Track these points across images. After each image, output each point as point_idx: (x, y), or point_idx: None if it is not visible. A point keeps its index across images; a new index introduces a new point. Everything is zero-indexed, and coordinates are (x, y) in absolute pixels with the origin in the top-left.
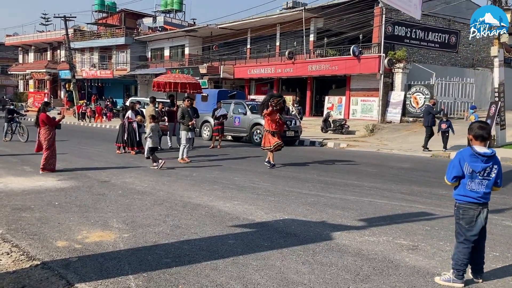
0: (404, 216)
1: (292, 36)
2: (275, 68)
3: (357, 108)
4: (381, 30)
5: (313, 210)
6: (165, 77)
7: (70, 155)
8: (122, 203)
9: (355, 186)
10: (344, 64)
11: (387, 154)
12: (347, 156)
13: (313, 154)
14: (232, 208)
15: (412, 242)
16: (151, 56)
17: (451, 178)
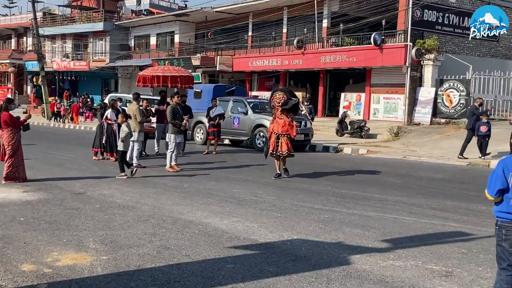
0: (436, 236)
1: (301, 21)
2: (282, 60)
3: (379, 107)
4: (407, 14)
5: (327, 229)
6: (153, 70)
7: (38, 162)
8: (100, 220)
9: (377, 200)
10: (364, 54)
11: (415, 162)
12: (367, 165)
13: (327, 162)
14: (231, 225)
15: (445, 268)
16: (134, 45)
17: (495, 192)
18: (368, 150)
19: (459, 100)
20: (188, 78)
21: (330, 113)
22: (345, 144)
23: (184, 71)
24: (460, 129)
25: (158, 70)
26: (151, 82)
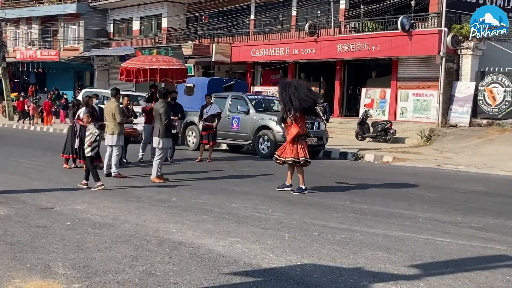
0: (476, 261)
1: (314, 2)
2: (291, 48)
3: (408, 106)
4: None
5: (344, 252)
6: (138, 61)
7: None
8: (72, 240)
9: (405, 217)
10: (389, 42)
11: (450, 171)
12: (393, 174)
13: (344, 171)
14: (228, 248)
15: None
16: (114, 31)
17: None
18: (394, 157)
19: (504, 97)
20: (180, 71)
21: (349, 113)
22: (367, 149)
23: (176, 62)
24: (506, 131)
25: (145, 62)
26: (136, 76)
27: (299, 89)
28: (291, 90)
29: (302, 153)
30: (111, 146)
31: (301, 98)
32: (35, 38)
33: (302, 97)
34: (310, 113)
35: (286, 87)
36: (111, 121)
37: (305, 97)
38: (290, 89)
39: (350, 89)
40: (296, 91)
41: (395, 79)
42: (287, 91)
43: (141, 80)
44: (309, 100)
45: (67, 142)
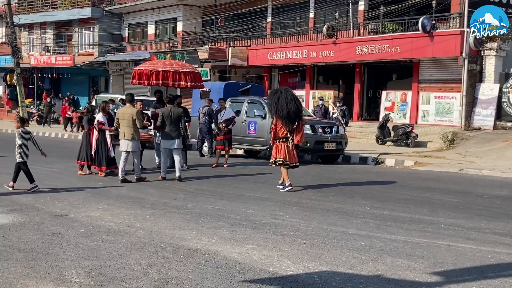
0: (500, 268)
1: (333, 3)
2: (309, 51)
3: (430, 109)
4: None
5: (363, 259)
6: (151, 64)
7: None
8: (86, 247)
9: (427, 223)
10: (410, 44)
11: (474, 176)
12: (414, 179)
13: (365, 176)
14: (245, 255)
15: None
16: (129, 35)
17: None
18: (416, 161)
19: None
20: (194, 75)
21: (369, 116)
22: (388, 154)
23: (190, 66)
24: None
25: (158, 65)
26: (148, 79)
27: (280, 99)
28: (274, 98)
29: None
30: (128, 152)
31: (279, 106)
32: (49, 44)
33: (278, 107)
34: (288, 121)
35: (272, 96)
36: (130, 127)
37: (280, 107)
38: (274, 97)
39: (370, 92)
40: (277, 101)
41: (417, 81)
42: (271, 99)
43: (153, 83)
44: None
45: (82, 149)
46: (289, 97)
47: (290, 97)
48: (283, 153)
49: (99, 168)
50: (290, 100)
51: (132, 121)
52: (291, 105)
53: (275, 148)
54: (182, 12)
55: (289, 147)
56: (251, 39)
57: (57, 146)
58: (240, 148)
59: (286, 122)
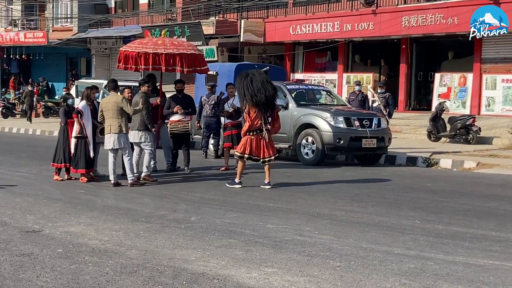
0: None
1: None
2: (341, 23)
3: (496, 95)
4: None
5: (413, 286)
6: (140, 44)
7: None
8: (65, 271)
9: (493, 240)
10: (471, 13)
11: None
12: (476, 185)
13: (414, 181)
14: (263, 280)
15: None
16: (116, 6)
17: None
18: (479, 162)
19: None
20: (194, 58)
21: (419, 106)
22: (443, 153)
23: (189, 46)
24: None
25: (148, 45)
26: (135, 63)
27: (254, 81)
28: (246, 81)
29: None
30: (116, 150)
31: (253, 92)
32: (16, 17)
33: (254, 91)
34: (263, 107)
35: (242, 79)
36: (117, 118)
37: (257, 92)
38: (245, 81)
39: (419, 75)
40: (251, 84)
41: (479, 61)
42: (242, 83)
43: (141, 68)
44: (262, 94)
45: (58, 148)
46: (265, 80)
47: (266, 79)
48: (250, 148)
49: (75, 170)
50: (267, 82)
51: (118, 111)
52: (269, 88)
53: (244, 141)
54: None
55: (265, 140)
56: (268, 9)
57: (27, 144)
58: None
59: (263, 109)
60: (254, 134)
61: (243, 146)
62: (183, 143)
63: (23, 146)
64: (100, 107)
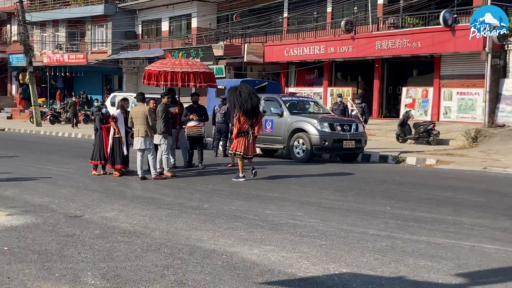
0: None
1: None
2: (326, 47)
3: (452, 105)
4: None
5: (385, 260)
6: (161, 64)
7: (25, 179)
8: (101, 249)
9: (450, 223)
10: (431, 38)
11: (498, 174)
12: (436, 178)
13: (385, 176)
14: (263, 256)
15: None
16: (142, 32)
17: None
18: (438, 159)
19: None
20: (205, 75)
21: (389, 114)
22: (409, 152)
23: (201, 65)
24: None
25: (167, 65)
26: (157, 79)
27: (242, 94)
28: (236, 94)
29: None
30: (143, 150)
31: (242, 101)
32: (62, 42)
33: (242, 101)
34: (249, 115)
35: (232, 92)
36: (143, 124)
37: (244, 102)
38: (235, 93)
39: (390, 89)
40: (240, 96)
41: (438, 77)
42: (232, 95)
43: (161, 84)
44: (248, 104)
45: (96, 148)
46: (250, 92)
47: (251, 92)
48: (243, 147)
49: (113, 166)
50: (252, 94)
51: (145, 119)
52: (254, 99)
53: (237, 142)
54: (197, 8)
55: (249, 141)
56: (267, 35)
57: (70, 145)
58: (256, 146)
59: (249, 115)
60: (243, 136)
61: (236, 145)
62: (197, 144)
63: (67, 147)
64: (130, 115)
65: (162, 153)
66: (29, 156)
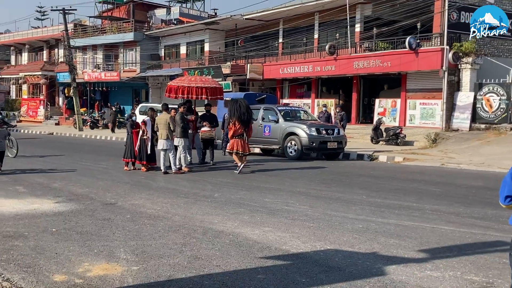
0: (476, 246)
1: (333, 26)
2: (313, 66)
3: (416, 113)
4: (443, 17)
5: (361, 239)
6: (180, 81)
7: (69, 173)
8: (131, 230)
9: (414, 209)
10: (399, 59)
11: (453, 169)
12: (403, 173)
13: (361, 170)
14: (262, 236)
15: (485, 279)
16: (164, 55)
17: (504, 199)
18: (405, 157)
19: (500, 104)
20: (215, 89)
21: (365, 120)
22: (380, 151)
23: (212, 82)
24: (501, 134)
25: (185, 81)
26: (176, 93)
27: (242, 106)
28: (236, 106)
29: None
30: (165, 150)
31: (241, 113)
32: (99, 62)
33: (242, 112)
34: (245, 123)
35: (233, 103)
36: (166, 129)
37: (242, 114)
38: (236, 105)
39: (365, 100)
40: (239, 108)
41: (404, 90)
42: (233, 106)
43: (180, 96)
44: (245, 115)
45: (127, 149)
46: (246, 106)
47: (247, 106)
48: (241, 146)
49: (140, 162)
50: (247, 108)
51: (167, 125)
52: (250, 112)
53: (234, 142)
54: (209, 35)
55: (244, 141)
56: (265, 57)
57: (106, 146)
58: (257, 147)
59: (244, 124)
60: (238, 138)
61: (232, 145)
62: (209, 145)
63: (103, 148)
64: (156, 121)
65: (181, 152)
66: (73, 155)
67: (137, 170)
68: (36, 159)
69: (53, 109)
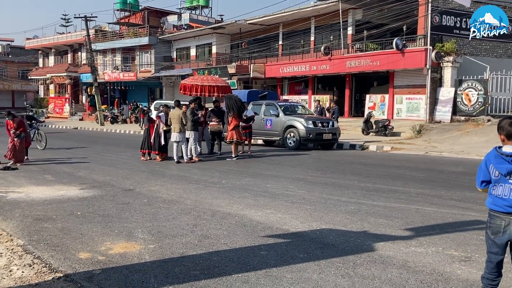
0: (456, 225)
1: (328, 29)
2: (310, 65)
3: (402, 107)
4: (427, 20)
5: (353, 219)
6: (193, 79)
7: (92, 163)
8: (148, 213)
9: (401, 192)
10: (387, 59)
11: (436, 157)
12: (391, 160)
13: (353, 159)
14: (265, 217)
15: (464, 253)
16: (176, 56)
17: (480, 183)
18: (392, 147)
19: (478, 98)
20: (224, 88)
21: (356, 114)
22: (371, 142)
23: (222, 81)
24: (479, 126)
25: (198, 80)
26: (190, 90)
27: (237, 102)
28: (233, 101)
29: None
30: (178, 142)
31: (238, 107)
32: (118, 64)
33: (239, 106)
34: (240, 116)
35: (230, 99)
36: (178, 123)
37: (239, 107)
38: (232, 100)
39: (357, 96)
40: (236, 103)
41: (392, 87)
42: (230, 101)
43: (193, 94)
44: (241, 109)
45: (144, 141)
46: (240, 100)
47: (240, 100)
48: (237, 136)
49: (154, 152)
50: (241, 102)
51: (180, 119)
52: (243, 105)
53: (232, 133)
54: (216, 39)
55: (240, 132)
56: (267, 58)
57: (124, 139)
58: (259, 139)
59: (240, 116)
60: (236, 129)
61: (232, 135)
62: (217, 137)
63: (122, 140)
64: (169, 116)
65: (191, 144)
66: (95, 147)
67: (153, 160)
68: (62, 151)
69: (77, 106)
